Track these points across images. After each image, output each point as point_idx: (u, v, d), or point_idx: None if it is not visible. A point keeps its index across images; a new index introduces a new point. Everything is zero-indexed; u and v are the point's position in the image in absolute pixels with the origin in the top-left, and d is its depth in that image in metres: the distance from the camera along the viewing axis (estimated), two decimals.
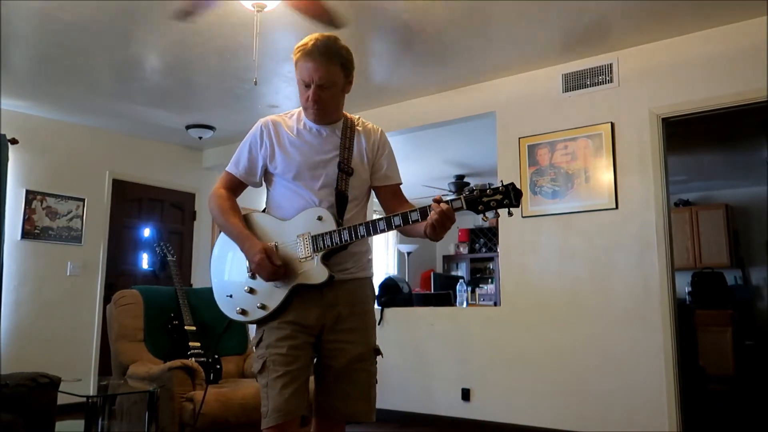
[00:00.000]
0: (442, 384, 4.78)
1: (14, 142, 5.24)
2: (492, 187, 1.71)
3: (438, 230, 1.72)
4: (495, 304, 6.29)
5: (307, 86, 1.85)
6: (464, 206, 1.70)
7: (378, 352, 1.96)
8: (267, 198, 2.02)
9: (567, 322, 4.24)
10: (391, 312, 5.21)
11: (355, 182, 1.93)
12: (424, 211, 1.73)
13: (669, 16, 3.75)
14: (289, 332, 1.82)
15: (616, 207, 4.12)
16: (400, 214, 1.76)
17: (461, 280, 6.36)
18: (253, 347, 1.91)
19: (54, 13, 3.64)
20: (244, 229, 1.90)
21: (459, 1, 3.51)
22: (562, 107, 4.45)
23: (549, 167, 4.44)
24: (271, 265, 1.80)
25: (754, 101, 3.73)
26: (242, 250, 1.88)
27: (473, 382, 4.62)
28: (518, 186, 1.71)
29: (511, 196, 1.68)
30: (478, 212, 1.71)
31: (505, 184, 1.70)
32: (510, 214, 1.71)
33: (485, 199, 1.69)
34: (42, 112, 5.52)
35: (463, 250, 10.29)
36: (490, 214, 1.72)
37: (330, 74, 1.84)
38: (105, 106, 5.38)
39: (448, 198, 1.74)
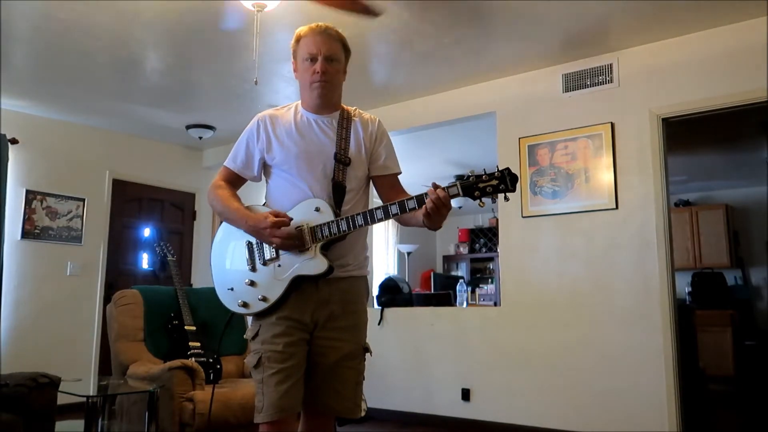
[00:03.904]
0: (442, 384, 4.78)
1: (14, 142, 5.24)
2: (488, 172, 1.71)
3: (434, 217, 1.73)
4: (495, 304, 6.29)
5: (313, 60, 1.89)
6: (460, 192, 1.70)
7: (367, 350, 1.97)
8: (266, 191, 2.03)
9: (567, 322, 4.24)
10: (391, 312, 5.21)
11: (352, 172, 1.93)
12: (420, 199, 1.73)
13: (669, 16, 3.75)
14: (285, 329, 1.83)
15: (616, 207, 4.12)
16: (397, 202, 1.76)
17: (461, 280, 6.37)
18: (249, 340, 1.91)
19: (54, 13, 3.64)
20: (244, 209, 1.91)
21: (459, 0, 3.51)
22: (562, 107, 4.44)
23: (549, 167, 4.44)
24: (285, 219, 1.79)
25: (754, 101, 3.73)
26: (247, 227, 1.87)
27: (473, 382, 4.62)
28: (513, 171, 1.72)
29: (506, 181, 1.70)
30: (474, 198, 1.71)
31: (500, 169, 1.71)
32: (506, 199, 1.72)
33: (481, 185, 1.70)
34: (42, 112, 5.52)
35: (463, 250, 10.30)
36: (486, 201, 1.72)
37: (336, 49, 1.92)
38: (105, 106, 5.38)
39: (444, 185, 1.73)
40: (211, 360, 3.54)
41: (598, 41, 4.11)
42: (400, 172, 2.06)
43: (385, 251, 9.41)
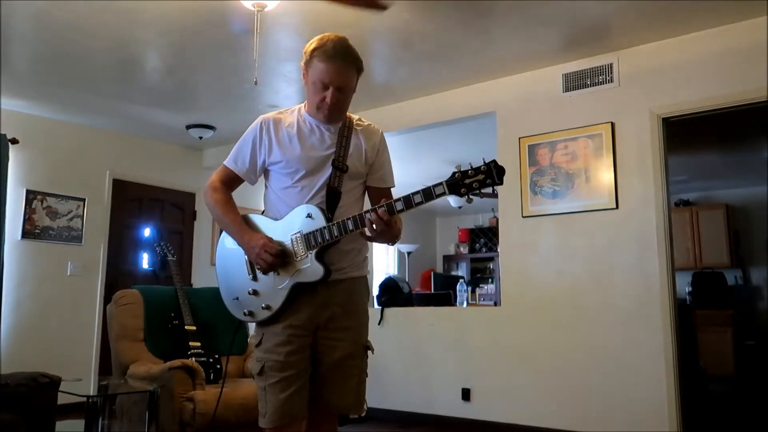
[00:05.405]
0: (442, 384, 4.78)
1: (14, 142, 5.24)
2: (474, 167, 1.70)
3: (373, 236, 1.78)
4: (495, 304, 6.29)
5: (326, 88, 1.87)
6: (446, 191, 1.71)
7: (368, 348, 2.00)
8: (264, 196, 2.04)
9: (567, 322, 4.24)
10: (391, 312, 5.21)
11: (348, 180, 1.95)
12: (408, 200, 1.74)
13: (669, 16, 3.75)
14: (286, 338, 1.86)
15: (616, 207, 4.12)
16: (385, 204, 1.77)
17: (461, 280, 6.37)
18: (254, 347, 1.94)
19: (54, 13, 3.64)
20: (242, 223, 1.93)
21: (459, 0, 3.51)
22: (562, 107, 4.44)
23: (549, 167, 4.44)
24: (274, 247, 1.82)
25: (754, 101, 3.73)
26: (241, 243, 1.90)
27: (473, 382, 4.62)
28: (500, 162, 1.70)
29: (493, 174, 1.69)
30: (460, 195, 1.71)
31: (486, 162, 1.70)
32: (494, 192, 1.72)
33: (467, 181, 1.70)
34: (42, 112, 5.52)
35: (464, 250, 10.30)
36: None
37: (348, 78, 1.90)
38: (105, 106, 5.38)
39: (431, 184, 1.72)
40: (211, 360, 3.54)
41: (598, 41, 4.10)
42: (394, 186, 2.09)
43: (385, 251, 9.41)
